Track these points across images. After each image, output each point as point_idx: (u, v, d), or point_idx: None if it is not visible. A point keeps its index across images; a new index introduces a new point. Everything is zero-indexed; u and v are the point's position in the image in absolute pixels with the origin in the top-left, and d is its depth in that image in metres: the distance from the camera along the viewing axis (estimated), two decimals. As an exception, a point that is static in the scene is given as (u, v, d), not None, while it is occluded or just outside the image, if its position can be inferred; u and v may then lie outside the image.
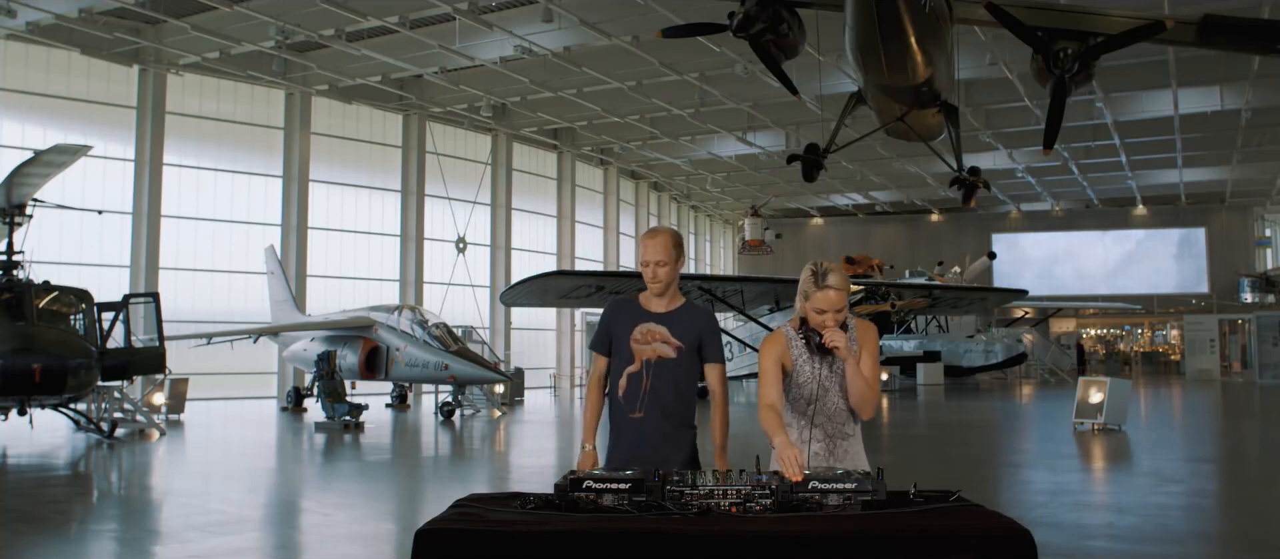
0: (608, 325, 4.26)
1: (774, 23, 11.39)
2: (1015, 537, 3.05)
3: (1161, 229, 48.06)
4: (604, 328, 4.28)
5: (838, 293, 3.88)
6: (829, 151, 15.67)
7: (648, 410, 4.11)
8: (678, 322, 4.18)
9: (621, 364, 4.17)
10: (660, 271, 4.15)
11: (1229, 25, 11.55)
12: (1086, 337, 49.34)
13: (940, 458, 14.13)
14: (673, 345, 4.15)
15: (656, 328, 4.16)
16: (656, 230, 4.26)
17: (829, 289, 3.87)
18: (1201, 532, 8.35)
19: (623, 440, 4.15)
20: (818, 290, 3.87)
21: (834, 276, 3.90)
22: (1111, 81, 25.36)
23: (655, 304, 4.22)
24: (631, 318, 4.19)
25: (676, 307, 4.24)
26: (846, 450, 3.93)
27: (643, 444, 4.07)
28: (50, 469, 13.11)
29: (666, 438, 4.12)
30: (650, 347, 4.14)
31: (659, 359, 4.13)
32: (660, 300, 4.22)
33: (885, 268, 37.17)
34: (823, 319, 3.89)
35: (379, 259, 31.08)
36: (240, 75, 26.41)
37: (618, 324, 4.21)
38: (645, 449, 4.04)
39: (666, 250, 4.15)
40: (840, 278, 3.91)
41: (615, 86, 26.66)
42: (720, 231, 53.30)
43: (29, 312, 15.31)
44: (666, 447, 4.09)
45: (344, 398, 19.47)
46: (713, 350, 4.24)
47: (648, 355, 4.13)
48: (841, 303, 3.89)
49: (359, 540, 8.07)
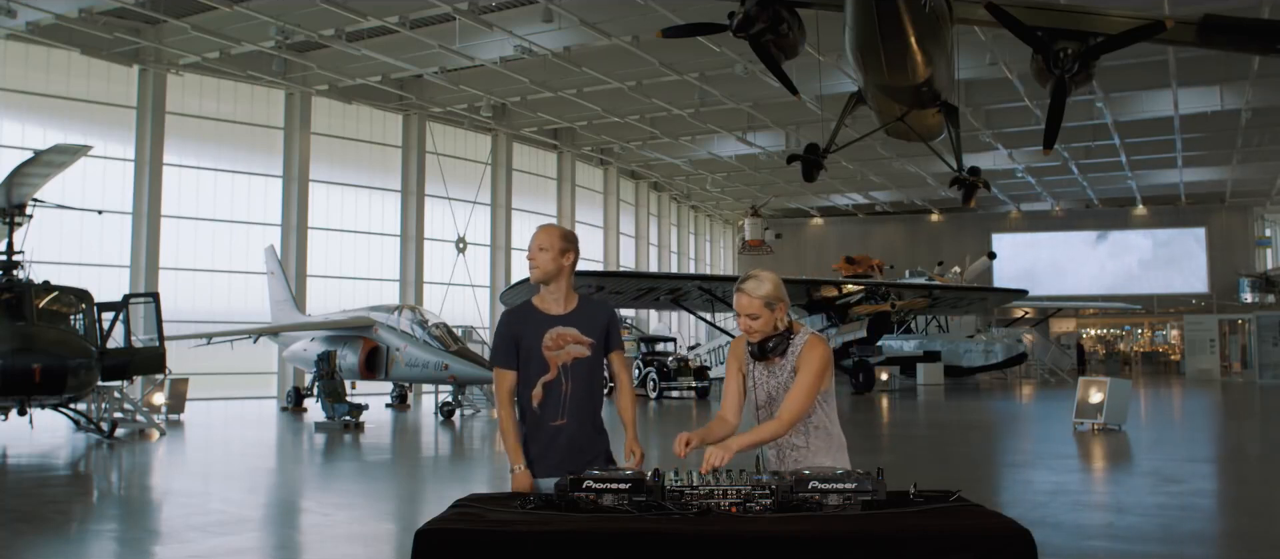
0: (512, 337, 4.12)
1: (774, 23, 11.40)
2: (1015, 537, 3.05)
3: (1161, 229, 48.07)
4: (508, 340, 4.12)
5: (747, 299, 3.84)
6: (829, 151, 15.69)
7: (570, 416, 4.07)
8: (583, 319, 4.14)
9: (536, 374, 4.07)
10: (545, 258, 4.09)
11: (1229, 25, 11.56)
12: (1086, 337, 49.33)
13: (940, 458, 14.13)
14: (586, 344, 4.11)
15: (567, 330, 4.09)
16: (547, 225, 4.25)
17: (740, 293, 3.86)
18: (1201, 532, 8.35)
19: (549, 451, 4.05)
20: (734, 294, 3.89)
21: (749, 283, 3.87)
22: (1111, 81, 25.35)
23: (555, 306, 4.14)
24: (537, 325, 4.10)
25: (576, 305, 4.18)
26: (797, 459, 3.84)
27: (571, 450, 4.01)
28: (50, 469, 13.11)
29: (591, 440, 4.10)
30: (563, 350, 4.08)
31: (574, 361, 4.08)
32: (558, 302, 4.15)
33: (885, 268, 37.16)
34: (744, 324, 3.88)
35: (379, 259, 31.08)
36: (240, 75, 26.41)
37: (524, 335, 4.10)
38: (573, 454, 3.97)
39: (553, 239, 4.11)
40: (756, 284, 3.86)
41: (615, 86, 26.67)
42: (720, 231, 53.31)
43: (29, 312, 15.31)
44: (591, 449, 4.06)
45: (344, 398, 19.46)
46: (616, 339, 4.24)
47: (563, 360, 4.07)
48: (752, 309, 3.83)
49: (359, 540, 8.06)
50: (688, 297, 29.04)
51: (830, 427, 3.93)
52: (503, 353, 4.13)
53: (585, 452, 4.02)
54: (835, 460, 3.85)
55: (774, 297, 3.85)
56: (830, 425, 3.93)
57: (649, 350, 29.99)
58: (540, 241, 4.12)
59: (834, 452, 3.90)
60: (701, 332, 38.99)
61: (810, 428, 3.87)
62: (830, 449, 3.89)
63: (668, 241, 45.61)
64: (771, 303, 3.84)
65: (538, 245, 4.12)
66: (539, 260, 4.11)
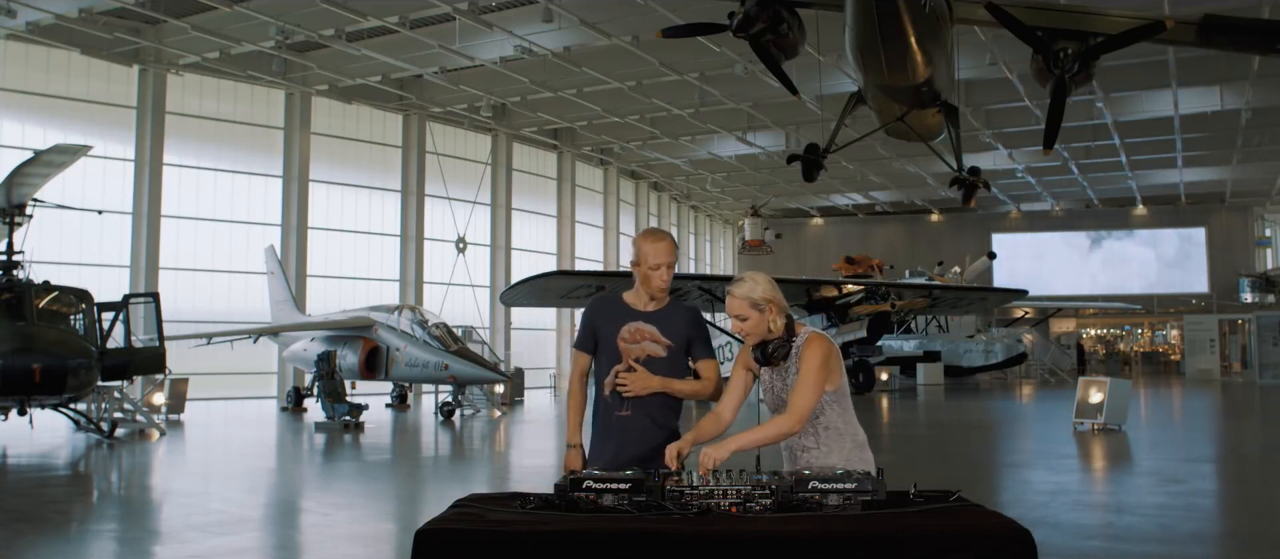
0: (592, 324, 4.21)
1: (774, 23, 11.40)
2: (1015, 537, 3.06)
3: (1161, 229, 48.06)
4: (588, 326, 4.22)
5: (735, 300, 3.84)
6: (829, 151, 15.68)
7: (635, 409, 4.10)
8: (666, 320, 4.16)
9: (609, 363, 4.13)
10: (666, 275, 4.10)
11: (1229, 25, 11.56)
12: (1086, 337, 49.33)
13: (940, 458, 14.13)
14: (663, 344, 4.13)
15: (645, 327, 4.13)
16: (659, 233, 4.20)
17: (729, 295, 3.86)
18: (1201, 532, 8.34)
19: (609, 439, 4.12)
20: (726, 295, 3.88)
21: (738, 285, 3.86)
22: (1111, 81, 25.35)
23: (642, 303, 4.17)
24: (618, 317, 4.15)
25: (664, 305, 4.20)
26: (809, 463, 3.81)
27: (629, 443, 4.05)
28: (50, 469, 13.11)
29: (652, 438, 4.09)
30: (639, 345, 4.11)
31: (648, 358, 4.10)
32: (650, 301, 4.18)
33: (885, 268, 37.16)
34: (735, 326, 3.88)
35: (379, 259, 31.08)
36: (240, 75, 26.41)
37: (604, 323, 4.16)
38: (631, 448, 4.02)
39: (670, 253, 4.12)
40: (743, 285, 3.85)
41: (615, 86, 26.66)
42: (720, 231, 53.30)
43: (29, 312, 15.31)
44: (651, 446, 4.04)
45: (344, 398, 19.46)
46: (702, 348, 4.23)
47: (636, 354, 4.10)
48: (740, 310, 3.84)
49: (359, 540, 8.06)
50: (688, 297, 28.96)
51: (843, 427, 3.86)
52: (582, 337, 4.25)
53: (643, 445, 4.03)
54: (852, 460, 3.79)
55: (763, 298, 3.83)
56: (843, 425, 3.86)
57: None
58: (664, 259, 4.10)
59: (850, 451, 3.83)
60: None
61: (820, 429, 3.82)
62: (844, 449, 3.83)
63: (668, 242, 45.53)
64: (760, 305, 3.83)
65: (666, 263, 4.10)
66: (665, 278, 4.12)
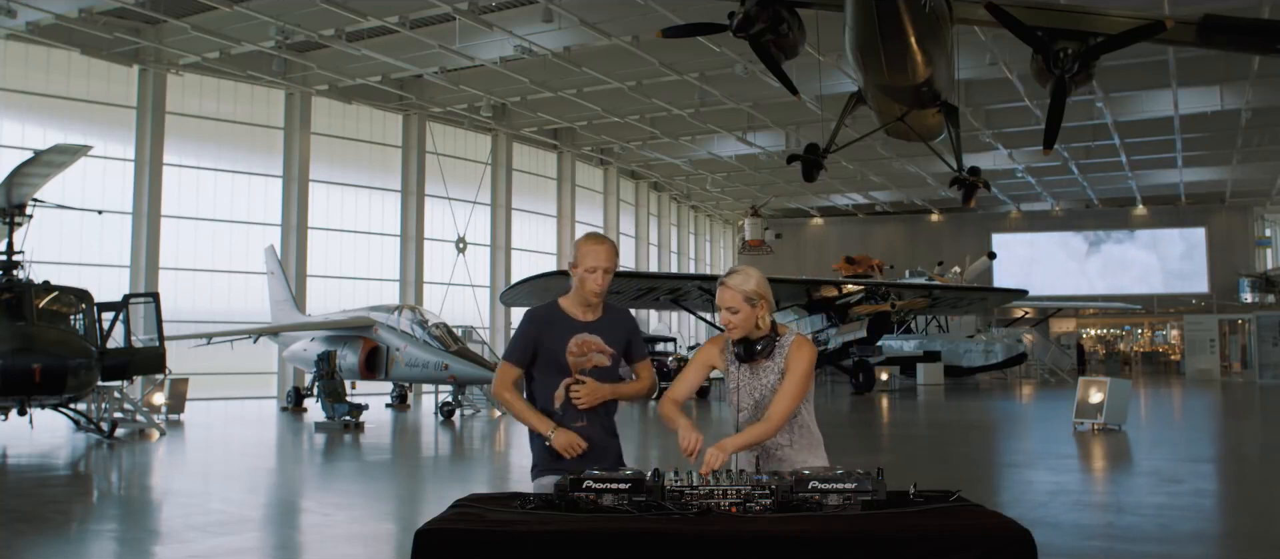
0: (534, 337, 4.11)
1: (774, 23, 11.40)
2: (1015, 537, 3.06)
3: (1161, 229, 48.05)
4: (529, 341, 4.12)
5: (730, 292, 3.84)
6: (829, 151, 15.68)
7: (590, 419, 4.10)
8: (608, 329, 4.14)
9: (558, 376, 4.08)
10: (603, 279, 4.06)
11: (1229, 25, 11.56)
12: (1086, 337, 49.33)
13: (940, 458, 14.13)
14: (608, 354, 4.12)
15: (591, 338, 4.10)
16: (601, 236, 4.19)
17: (723, 286, 3.87)
18: (1201, 532, 8.34)
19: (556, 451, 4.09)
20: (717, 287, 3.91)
21: (733, 277, 3.88)
22: (1111, 81, 25.35)
23: (583, 312, 4.13)
24: (563, 329, 4.10)
25: (600, 313, 4.17)
26: (782, 458, 3.87)
27: (589, 452, 4.03)
28: (50, 469, 13.11)
29: (606, 443, 4.13)
30: (587, 358, 4.08)
31: (594, 368, 4.09)
32: (588, 309, 4.14)
33: (885, 268, 37.17)
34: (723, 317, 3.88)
35: (379, 259, 31.08)
36: (240, 75, 26.41)
37: (549, 336, 4.10)
38: (590, 456, 4.01)
39: (610, 258, 4.08)
40: (739, 278, 3.86)
41: (615, 86, 26.66)
42: (720, 231, 53.31)
43: (29, 312, 15.30)
44: (606, 451, 4.09)
45: (344, 398, 19.46)
46: (639, 349, 4.25)
47: (585, 366, 4.08)
48: (733, 302, 3.84)
49: (359, 540, 8.06)
50: (687, 297, 29.02)
51: (811, 425, 4.00)
52: (519, 351, 4.13)
53: (598, 453, 4.05)
54: (816, 457, 3.91)
55: (756, 293, 3.85)
56: (811, 424, 4.01)
57: (649, 350, 29.93)
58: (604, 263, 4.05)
59: (815, 449, 3.95)
60: (701, 332, 38.98)
61: (795, 426, 3.93)
62: (812, 446, 3.95)
63: (668, 242, 45.62)
64: (753, 299, 3.85)
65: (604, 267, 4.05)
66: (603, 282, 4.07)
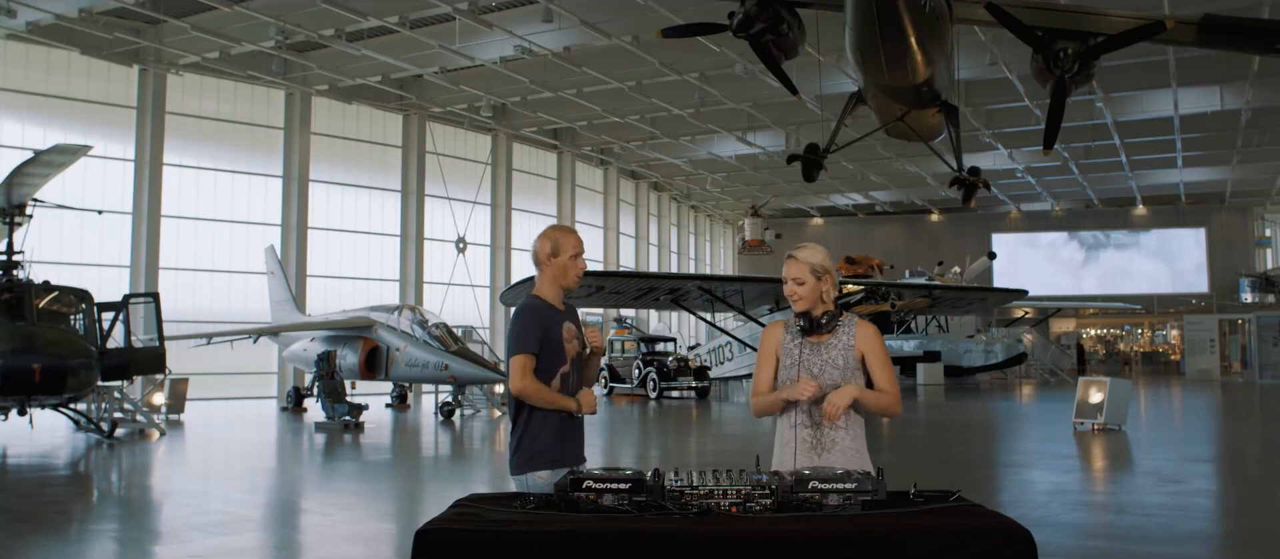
0: (544, 328, 4.13)
1: (774, 23, 11.39)
2: (1015, 537, 3.06)
3: (1161, 229, 48.05)
4: (540, 330, 4.12)
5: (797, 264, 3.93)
6: (829, 151, 15.66)
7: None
8: (572, 316, 4.31)
9: (557, 364, 4.12)
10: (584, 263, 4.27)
11: (1229, 25, 11.56)
12: (1086, 337, 49.31)
13: (940, 458, 14.14)
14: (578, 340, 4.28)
15: (570, 326, 4.23)
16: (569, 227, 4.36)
17: (791, 259, 3.96)
18: (1201, 532, 8.35)
19: (566, 437, 4.13)
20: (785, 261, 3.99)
21: (801, 250, 3.97)
22: (1111, 81, 25.36)
23: (559, 302, 4.27)
24: (554, 318, 4.19)
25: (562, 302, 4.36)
26: (836, 440, 3.84)
27: (581, 440, 4.17)
28: (50, 469, 13.12)
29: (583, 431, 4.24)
30: (571, 344, 4.19)
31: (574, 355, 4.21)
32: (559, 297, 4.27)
33: (885, 268, 37.16)
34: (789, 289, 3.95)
35: (379, 259, 31.08)
36: (240, 75, 26.40)
37: (553, 326, 4.16)
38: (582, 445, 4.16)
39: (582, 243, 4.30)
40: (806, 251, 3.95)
41: (615, 86, 26.66)
42: (720, 231, 53.30)
43: (29, 312, 15.31)
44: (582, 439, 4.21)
45: (344, 398, 19.47)
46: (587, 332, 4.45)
47: (572, 353, 4.20)
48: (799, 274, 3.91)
49: (359, 540, 8.06)
50: (688, 296, 29.02)
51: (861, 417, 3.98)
52: (532, 340, 4.09)
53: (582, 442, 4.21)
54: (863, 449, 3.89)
55: (822, 267, 3.93)
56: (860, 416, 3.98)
57: (649, 350, 29.94)
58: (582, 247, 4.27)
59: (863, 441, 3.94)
60: (701, 332, 38.98)
61: (850, 417, 3.88)
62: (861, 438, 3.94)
63: (668, 241, 45.62)
64: (819, 272, 3.91)
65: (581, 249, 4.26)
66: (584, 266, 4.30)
